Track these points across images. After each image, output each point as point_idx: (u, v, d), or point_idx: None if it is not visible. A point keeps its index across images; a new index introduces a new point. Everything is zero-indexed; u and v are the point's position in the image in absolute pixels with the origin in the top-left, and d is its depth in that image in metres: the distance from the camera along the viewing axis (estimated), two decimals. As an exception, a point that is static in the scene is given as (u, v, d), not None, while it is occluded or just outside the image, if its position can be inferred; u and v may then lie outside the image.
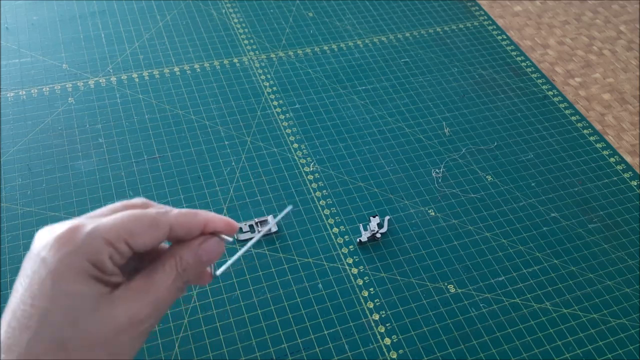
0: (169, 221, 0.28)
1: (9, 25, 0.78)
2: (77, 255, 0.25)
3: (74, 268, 0.25)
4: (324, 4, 0.87)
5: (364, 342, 0.51)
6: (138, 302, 0.27)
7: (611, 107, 0.77)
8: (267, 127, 0.69)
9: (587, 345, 0.52)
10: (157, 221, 0.28)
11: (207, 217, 0.29)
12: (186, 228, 0.29)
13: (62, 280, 0.25)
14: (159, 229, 0.28)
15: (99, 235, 0.26)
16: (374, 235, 0.58)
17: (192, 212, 0.29)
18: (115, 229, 0.26)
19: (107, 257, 0.26)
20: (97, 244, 0.26)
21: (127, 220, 0.27)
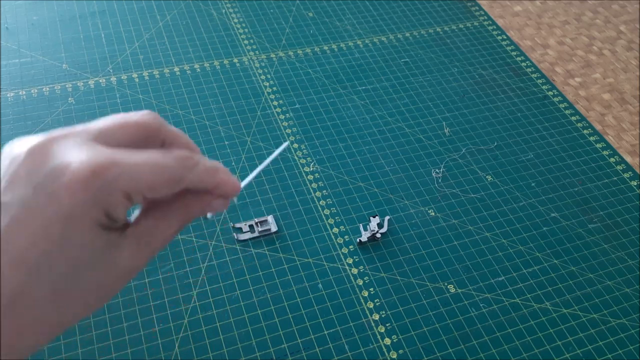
0: (193, 180, 0.26)
1: (9, 25, 0.78)
2: (93, 204, 0.23)
3: (89, 217, 0.23)
4: (324, 4, 0.87)
5: (364, 342, 0.51)
6: (141, 252, 0.26)
7: (611, 107, 0.77)
8: (267, 127, 0.69)
9: (587, 345, 0.52)
10: (181, 179, 0.25)
11: (222, 181, 0.27)
12: (201, 185, 0.27)
13: (73, 228, 0.23)
14: (179, 186, 0.26)
15: (118, 186, 0.23)
16: (374, 235, 0.58)
17: (213, 170, 0.27)
18: (135, 183, 0.24)
19: (124, 209, 0.24)
20: (117, 197, 0.23)
21: (151, 173, 0.24)
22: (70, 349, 0.48)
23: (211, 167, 0.27)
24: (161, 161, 0.25)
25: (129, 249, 0.25)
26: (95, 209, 0.23)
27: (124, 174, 0.23)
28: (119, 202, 0.23)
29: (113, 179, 0.23)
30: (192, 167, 0.26)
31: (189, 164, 0.26)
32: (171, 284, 0.54)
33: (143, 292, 0.52)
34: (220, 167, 0.28)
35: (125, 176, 0.23)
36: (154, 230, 0.27)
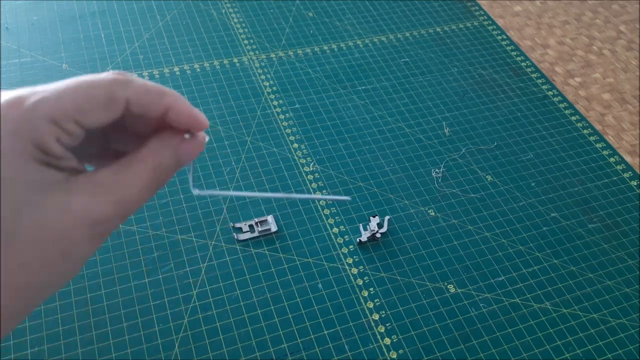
0: (127, 97, 0.23)
1: (9, 25, 0.78)
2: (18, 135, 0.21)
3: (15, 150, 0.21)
4: (324, 4, 0.87)
5: (363, 342, 0.51)
6: (100, 199, 0.23)
7: (611, 107, 0.77)
8: (267, 127, 0.69)
9: (587, 345, 0.52)
10: (112, 94, 0.23)
11: (171, 104, 0.25)
12: (145, 109, 0.24)
13: (7, 164, 0.21)
14: (113, 104, 0.23)
15: (41, 112, 0.22)
16: (373, 235, 0.58)
17: (158, 90, 0.24)
18: (60, 105, 0.22)
19: (54, 139, 0.22)
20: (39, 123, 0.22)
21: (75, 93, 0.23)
22: (70, 349, 0.48)
23: (153, 85, 0.24)
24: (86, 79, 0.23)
25: (83, 194, 0.23)
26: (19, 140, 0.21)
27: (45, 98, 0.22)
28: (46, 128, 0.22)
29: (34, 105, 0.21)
30: (125, 82, 0.23)
31: (120, 79, 0.24)
32: (171, 284, 0.54)
33: (143, 292, 0.53)
34: (169, 90, 0.25)
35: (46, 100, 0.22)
36: (116, 177, 0.24)
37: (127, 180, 0.24)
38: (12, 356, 0.48)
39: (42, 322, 0.50)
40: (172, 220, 0.58)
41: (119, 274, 0.54)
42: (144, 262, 0.55)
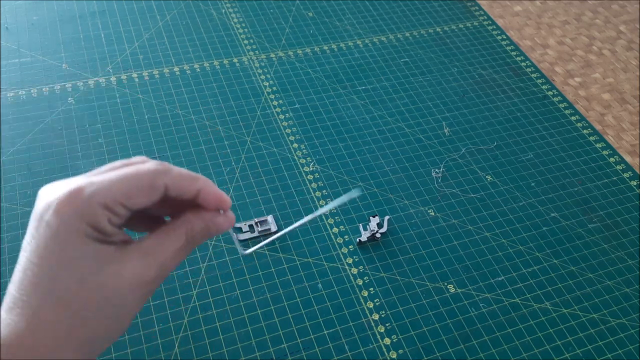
0: (166, 183, 0.28)
1: (9, 25, 0.78)
2: (76, 219, 0.26)
3: (75, 231, 0.26)
4: (324, 4, 0.87)
5: (363, 342, 0.51)
6: (146, 264, 0.29)
7: (611, 107, 0.77)
8: (267, 127, 0.69)
9: (586, 345, 0.52)
10: (154, 183, 0.28)
11: (202, 187, 0.30)
12: (180, 192, 0.29)
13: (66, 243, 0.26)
14: (155, 191, 0.28)
15: (95, 200, 0.26)
16: (373, 235, 0.58)
17: (191, 177, 0.30)
18: (111, 193, 0.27)
19: (106, 220, 0.27)
20: (95, 209, 0.26)
21: (123, 182, 0.27)
22: (70, 348, 0.48)
23: (187, 173, 0.30)
24: (132, 172, 0.28)
25: (133, 261, 0.28)
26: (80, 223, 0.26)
27: (98, 188, 0.27)
28: (100, 213, 0.27)
29: (90, 195, 0.26)
30: (164, 172, 0.29)
31: (160, 170, 0.29)
32: (171, 284, 0.54)
33: (143, 292, 0.52)
34: (200, 177, 0.30)
35: (100, 190, 0.27)
36: (158, 246, 0.29)
37: (168, 246, 0.30)
38: (12, 356, 0.48)
39: (42, 322, 0.50)
40: (172, 220, 0.58)
41: (119, 274, 0.54)
42: (143, 262, 0.55)
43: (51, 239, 0.26)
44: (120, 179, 0.27)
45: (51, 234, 0.26)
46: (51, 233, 0.26)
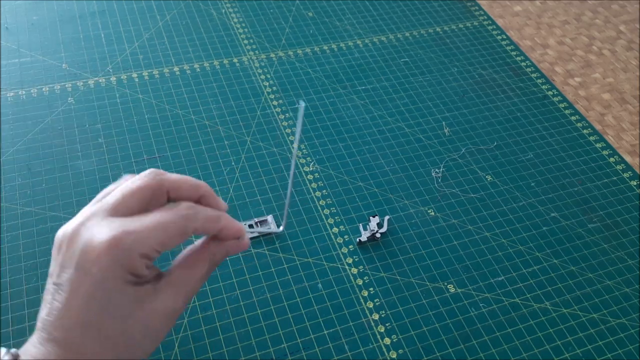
0: (196, 227, 0.32)
1: (9, 25, 0.78)
2: (118, 269, 0.29)
3: (117, 279, 0.30)
4: (324, 4, 0.87)
5: (363, 342, 0.51)
6: (176, 296, 0.32)
7: (611, 107, 0.77)
8: (267, 127, 0.69)
9: (586, 345, 0.52)
10: (185, 230, 0.31)
11: (225, 226, 0.34)
12: (206, 231, 0.33)
13: (109, 290, 0.30)
14: (185, 236, 0.31)
15: (134, 251, 0.29)
16: (373, 235, 0.58)
17: (216, 217, 0.33)
18: (148, 242, 0.30)
19: (144, 267, 0.30)
20: (134, 260, 0.30)
21: (159, 232, 0.30)
22: (70, 348, 0.48)
23: (212, 215, 0.33)
24: (166, 220, 0.31)
25: (164, 297, 0.32)
26: (120, 271, 0.30)
27: (136, 239, 0.29)
28: (138, 262, 0.30)
29: (128, 247, 0.29)
30: (194, 218, 0.32)
31: (190, 216, 0.32)
32: (171, 283, 0.53)
33: (143, 292, 0.52)
34: (223, 215, 0.34)
35: (138, 241, 0.29)
36: (186, 277, 0.33)
37: (194, 276, 0.33)
38: (12, 356, 0.48)
39: (42, 322, 0.50)
40: (172, 220, 0.58)
41: (119, 274, 0.54)
42: (143, 262, 0.55)
43: (94, 286, 0.29)
44: (156, 228, 0.30)
45: (94, 282, 0.29)
46: (94, 281, 0.29)
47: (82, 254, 0.30)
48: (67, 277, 0.30)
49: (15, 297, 0.51)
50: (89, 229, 0.30)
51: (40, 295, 0.51)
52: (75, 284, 0.30)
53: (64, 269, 0.30)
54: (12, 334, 0.49)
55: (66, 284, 0.30)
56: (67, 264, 0.30)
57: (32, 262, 0.54)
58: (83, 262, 0.29)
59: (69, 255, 0.30)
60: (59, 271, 0.30)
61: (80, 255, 0.30)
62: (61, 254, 0.31)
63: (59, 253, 0.31)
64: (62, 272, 0.30)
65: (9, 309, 0.51)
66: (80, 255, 0.30)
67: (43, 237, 0.56)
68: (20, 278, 0.53)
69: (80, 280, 0.29)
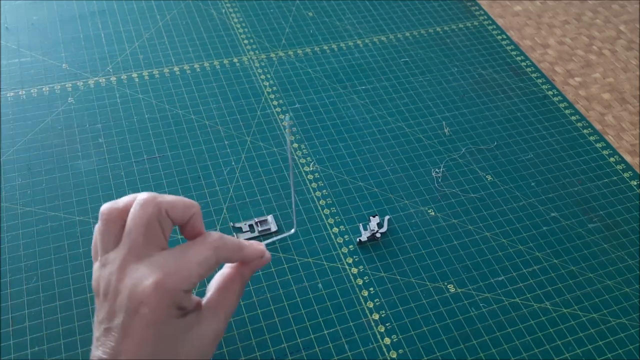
0: (225, 257, 0.37)
1: (9, 25, 0.78)
2: (166, 307, 0.33)
3: (166, 316, 0.33)
4: (324, 4, 0.87)
5: (363, 341, 0.51)
6: (218, 319, 0.36)
7: (611, 107, 0.77)
8: (267, 127, 0.69)
9: (586, 345, 0.52)
10: (217, 261, 0.36)
11: (248, 254, 0.39)
12: (232, 260, 0.38)
13: (161, 327, 0.33)
14: (216, 266, 0.36)
15: (179, 289, 0.33)
16: (373, 235, 0.58)
17: (240, 246, 0.38)
18: (190, 279, 0.34)
19: (187, 299, 0.34)
20: (180, 296, 0.33)
21: (196, 268, 0.34)
22: (70, 348, 0.49)
23: (237, 244, 0.38)
24: (201, 256, 0.35)
25: (208, 321, 0.36)
26: (167, 308, 0.33)
27: (178, 279, 0.33)
28: (183, 297, 0.33)
29: (172, 287, 0.33)
30: (223, 249, 0.36)
31: (220, 245, 0.36)
32: (171, 283, 0.53)
33: (143, 291, 0.52)
34: (245, 243, 0.38)
35: (180, 280, 0.33)
36: (223, 300, 0.37)
37: (230, 298, 0.38)
38: (12, 356, 0.48)
39: (42, 322, 0.50)
40: (172, 220, 0.58)
41: (119, 274, 0.54)
42: (144, 262, 0.55)
43: (146, 327, 0.32)
44: (194, 264, 0.34)
45: (147, 322, 0.32)
46: (147, 321, 0.32)
47: (130, 300, 0.32)
48: (119, 322, 0.33)
49: (15, 297, 0.52)
50: (132, 276, 0.33)
51: (41, 296, 0.52)
52: (128, 328, 0.32)
53: (114, 315, 0.33)
54: (12, 334, 0.49)
55: (119, 328, 0.33)
56: (117, 310, 0.33)
57: (32, 262, 0.54)
58: (133, 307, 0.32)
59: (119, 302, 0.33)
60: (109, 317, 0.33)
61: (129, 302, 0.32)
62: (108, 301, 0.34)
63: (105, 300, 0.34)
64: (114, 318, 0.33)
65: (9, 309, 0.51)
66: (129, 301, 0.32)
67: (43, 237, 0.56)
68: (20, 278, 0.53)
69: (132, 323, 0.32)
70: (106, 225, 0.35)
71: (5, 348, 0.48)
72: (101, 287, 0.34)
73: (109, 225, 0.35)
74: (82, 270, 0.54)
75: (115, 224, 0.35)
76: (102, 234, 0.35)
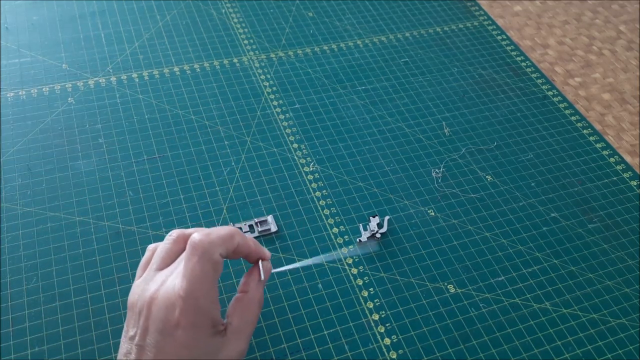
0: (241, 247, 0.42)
1: (9, 25, 0.78)
2: (204, 327, 0.36)
3: (206, 333, 0.36)
4: (324, 4, 0.87)
5: (363, 342, 0.51)
6: (241, 340, 0.40)
7: (611, 107, 0.77)
8: (267, 127, 0.69)
9: (586, 345, 0.52)
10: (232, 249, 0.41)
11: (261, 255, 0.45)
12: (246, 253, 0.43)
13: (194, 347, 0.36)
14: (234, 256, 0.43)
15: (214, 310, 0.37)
16: (373, 235, 0.58)
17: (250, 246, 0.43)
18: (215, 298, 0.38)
19: (217, 312, 0.38)
20: (214, 312, 0.37)
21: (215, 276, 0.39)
22: (70, 349, 0.49)
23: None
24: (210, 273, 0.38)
25: (233, 343, 0.39)
26: (208, 327, 0.37)
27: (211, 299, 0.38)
28: (216, 312, 0.37)
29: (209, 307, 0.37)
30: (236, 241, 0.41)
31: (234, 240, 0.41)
32: (171, 284, 0.53)
33: (143, 292, 0.52)
34: (260, 251, 0.45)
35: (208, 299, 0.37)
36: (244, 323, 0.41)
37: (249, 319, 0.41)
38: (12, 356, 0.48)
39: (42, 322, 0.50)
40: (172, 220, 0.58)
41: (119, 274, 0.54)
42: (144, 262, 0.55)
43: (182, 347, 0.35)
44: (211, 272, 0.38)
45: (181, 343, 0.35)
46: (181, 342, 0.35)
47: (164, 321, 0.35)
48: (153, 341, 0.35)
49: (15, 297, 0.52)
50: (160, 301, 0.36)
51: (41, 296, 0.52)
52: (163, 347, 0.34)
53: (147, 332, 0.35)
54: (12, 335, 0.49)
55: (151, 347, 0.35)
56: (151, 329, 0.35)
57: (32, 263, 0.54)
58: (169, 329, 0.35)
59: (152, 320, 0.35)
60: (142, 334, 0.35)
61: (164, 323, 0.35)
62: (142, 318, 0.36)
63: (140, 317, 0.36)
64: (147, 336, 0.35)
65: (9, 309, 0.51)
66: (164, 323, 0.35)
67: (43, 237, 0.56)
68: (21, 278, 0.53)
69: (167, 343, 0.34)
70: (171, 245, 0.40)
71: (5, 348, 0.48)
72: (138, 303, 0.37)
73: (172, 246, 0.40)
74: (82, 271, 0.54)
75: (179, 246, 0.40)
76: (165, 252, 0.40)
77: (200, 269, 0.37)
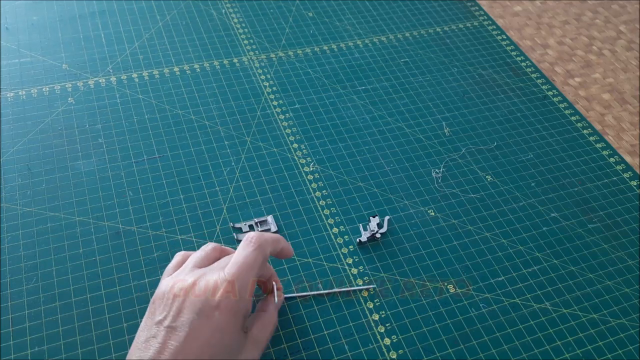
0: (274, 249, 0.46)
1: (9, 25, 0.78)
2: (240, 317, 0.39)
3: (238, 325, 0.38)
4: (324, 4, 0.87)
5: (363, 342, 0.51)
6: (256, 349, 0.42)
7: (611, 107, 0.77)
8: (267, 127, 0.69)
9: (586, 345, 0.52)
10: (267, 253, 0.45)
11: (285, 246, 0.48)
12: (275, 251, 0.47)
13: (226, 334, 0.37)
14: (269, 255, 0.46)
15: (248, 301, 0.40)
16: (373, 235, 0.58)
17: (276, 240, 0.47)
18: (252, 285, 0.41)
19: (250, 312, 0.41)
20: (249, 306, 0.40)
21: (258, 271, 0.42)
22: (70, 349, 0.49)
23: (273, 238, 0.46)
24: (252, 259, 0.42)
25: (250, 350, 0.41)
26: (240, 318, 0.39)
27: (244, 301, 0.40)
28: (249, 302, 0.40)
29: (245, 309, 0.40)
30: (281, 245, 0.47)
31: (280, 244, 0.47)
32: (171, 284, 0.53)
33: (143, 292, 0.53)
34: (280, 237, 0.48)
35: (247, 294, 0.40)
36: (262, 336, 0.43)
37: (265, 334, 0.44)
38: (12, 356, 0.48)
39: (42, 323, 0.50)
40: (172, 220, 0.58)
41: (119, 274, 0.54)
42: (143, 262, 0.55)
43: (212, 331, 0.36)
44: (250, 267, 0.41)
45: (214, 327, 0.36)
46: (214, 327, 0.36)
47: (205, 304, 0.36)
48: (187, 320, 0.35)
49: (15, 297, 0.52)
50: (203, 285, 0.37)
51: (41, 296, 0.52)
52: (197, 328, 0.35)
53: (182, 313, 0.35)
54: (12, 335, 0.49)
55: (185, 326, 0.35)
56: (186, 310, 0.36)
57: (32, 262, 0.54)
58: (208, 311, 0.36)
59: (190, 302, 0.36)
60: (175, 315, 0.36)
61: (204, 305, 0.36)
62: (178, 301, 0.36)
63: (174, 301, 0.37)
64: (180, 317, 0.35)
65: (9, 310, 0.51)
66: (204, 305, 0.36)
67: (43, 237, 0.56)
68: (20, 278, 0.53)
69: (201, 324, 0.35)
70: (208, 252, 0.43)
71: (5, 349, 0.48)
72: (174, 289, 0.37)
73: (210, 252, 0.43)
74: (82, 271, 0.54)
75: (215, 254, 0.44)
76: (202, 256, 0.43)
77: (254, 258, 0.40)
